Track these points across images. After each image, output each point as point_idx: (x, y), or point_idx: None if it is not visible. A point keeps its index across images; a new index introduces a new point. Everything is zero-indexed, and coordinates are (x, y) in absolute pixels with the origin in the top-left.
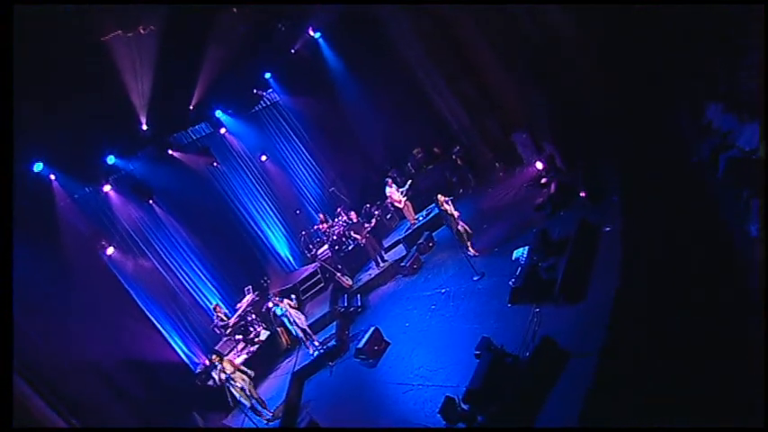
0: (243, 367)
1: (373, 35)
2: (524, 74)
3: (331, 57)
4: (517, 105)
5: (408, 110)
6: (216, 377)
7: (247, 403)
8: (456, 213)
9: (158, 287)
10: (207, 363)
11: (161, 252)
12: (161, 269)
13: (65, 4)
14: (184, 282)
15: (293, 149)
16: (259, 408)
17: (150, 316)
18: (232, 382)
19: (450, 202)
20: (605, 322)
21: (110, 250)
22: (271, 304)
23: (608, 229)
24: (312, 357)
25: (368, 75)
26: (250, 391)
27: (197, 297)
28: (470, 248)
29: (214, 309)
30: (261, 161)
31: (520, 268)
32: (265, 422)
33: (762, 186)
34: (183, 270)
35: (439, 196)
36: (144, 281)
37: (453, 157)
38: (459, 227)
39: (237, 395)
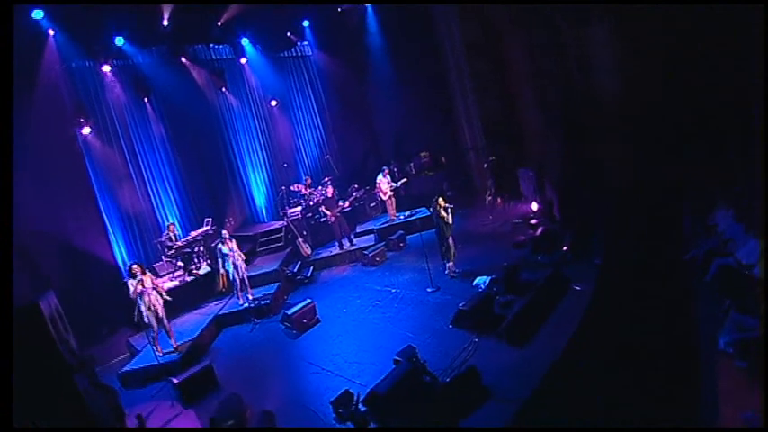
0: (162, 288)
1: (422, 26)
2: (554, 117)
3: (374, 30)
4: (535, 142)
5: (430, 111)
6: (131, 288)
7: (154, 326)
8: (451, 223)
9: (121, 184)
10: (128, 270)
11: (138, 152)
12: (131, 168)
13: (65, 4)
14: (150, 189)
15: (306, 106)
16: (165, 336)
17: (102, 208)
18: (145, 299)
19: (449, 210)
20: (540, 375)
21: (86, 130)
22: (220, 243)
23: (578, 288)
24: (240, 307)
25: (403, 62)
26: (161, 315)
27: (156, 209)
28: (451, 264)
29: (168, 226)
30: (270, 105)
31: (476, 294)
32: (161, 354)
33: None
34: (153, 178)
35: (440, 200)
36: (109, 173)
37: (485, 165)
38: (450, 240)
39: (145, 315)
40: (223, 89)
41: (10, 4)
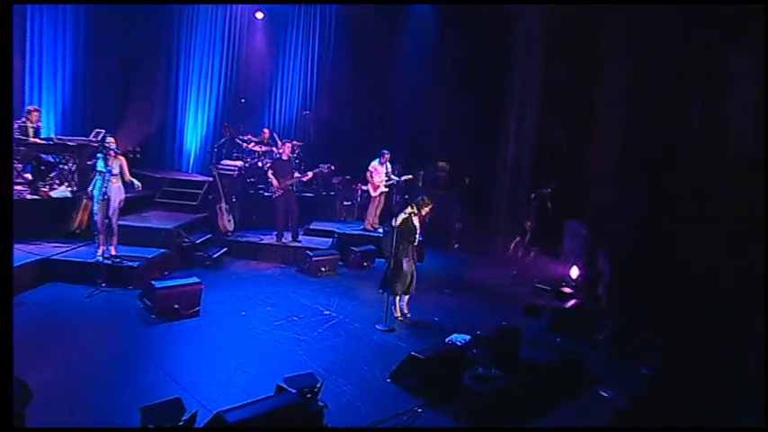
0: None
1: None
2: (639, 164)
3: None
4: (599, 190)
5: (469, 108)
6: None
7: None
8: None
9: None
10: None
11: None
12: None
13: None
14: (30, 52)
15: (303, 38)
16: None
17: None
18: None
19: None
20: None
21: None
22: (100, 154)
23: (606, 394)
24: (89, 259)
25: (455, 32)
26: None
27: (27, 85)
28: (405, 303)
29: (29, 111)
30: (253, 16)
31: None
32: None
33: None
34: (41, 40)
35: (423, 201)
36: None
37: (532, 196)
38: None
39: None
40: None
41: (10, 4)
